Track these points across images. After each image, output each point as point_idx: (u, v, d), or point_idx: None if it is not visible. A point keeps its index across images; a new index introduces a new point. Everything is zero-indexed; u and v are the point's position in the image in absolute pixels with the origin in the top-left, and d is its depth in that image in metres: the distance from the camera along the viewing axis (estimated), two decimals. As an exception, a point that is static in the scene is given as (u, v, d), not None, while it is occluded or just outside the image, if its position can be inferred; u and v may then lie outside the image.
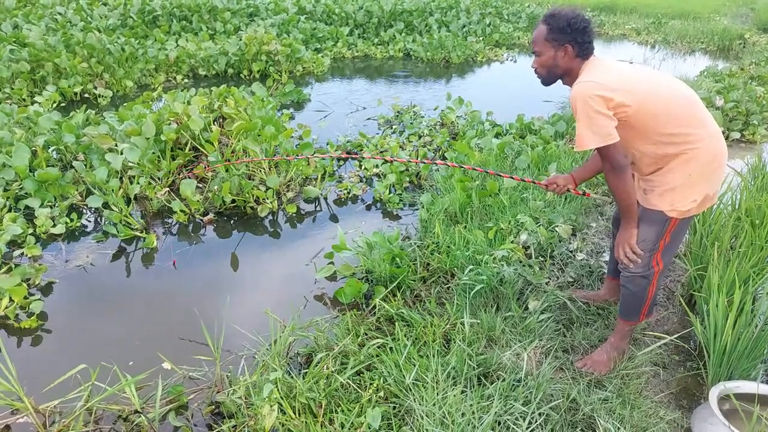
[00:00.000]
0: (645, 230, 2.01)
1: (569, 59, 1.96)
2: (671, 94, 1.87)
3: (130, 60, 7.53)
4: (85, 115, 4.71)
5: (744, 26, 13.53)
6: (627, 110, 1.82)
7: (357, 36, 11.07)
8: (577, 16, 1.93)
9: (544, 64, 2.00)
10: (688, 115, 1.87)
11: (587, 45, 1.95)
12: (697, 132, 1.85)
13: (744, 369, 2.17)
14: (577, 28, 1.91)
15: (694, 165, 1.86)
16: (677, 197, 1.91)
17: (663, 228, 1.98)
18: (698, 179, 1.88)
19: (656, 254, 2.03)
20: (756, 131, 5.69)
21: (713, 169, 1.89)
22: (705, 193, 1.91)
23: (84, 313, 2.83)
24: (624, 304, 2.20)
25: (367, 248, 3.09)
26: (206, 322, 2.65)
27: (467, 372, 2.10)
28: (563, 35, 1.92)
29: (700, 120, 1.88)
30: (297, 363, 2.41)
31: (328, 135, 5.29)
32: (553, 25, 1.94)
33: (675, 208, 1.92)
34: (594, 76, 1.86)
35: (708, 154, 1.86)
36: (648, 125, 1.85)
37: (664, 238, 2.00)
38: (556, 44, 1.95)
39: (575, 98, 1.84)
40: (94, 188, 3.75)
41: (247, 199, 3.86)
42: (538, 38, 1.99)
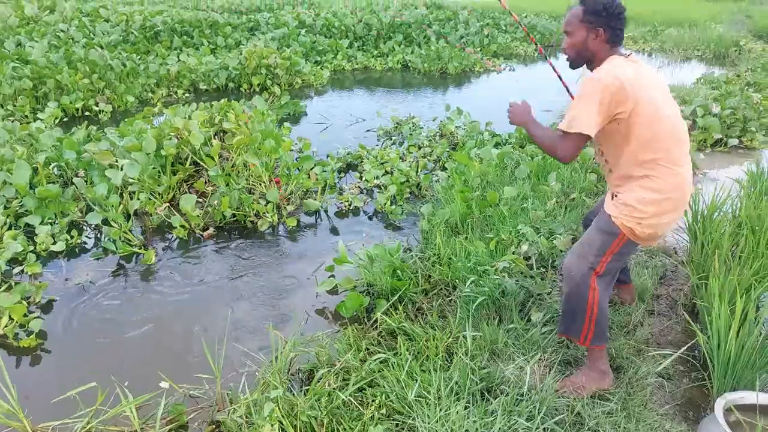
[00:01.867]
0: (594, 234, 2.05)
1: (600, 43, 1.96)
2: (666, 121, 1.91)
3: (132, 75, 7.59)
4: (87, 131, 4.74)
5: (740, 33, 13.58)
6: (626, 112, 1.85)
7: (356, 48, 11.16)
8: (614, 4, 1.94)
9: (575, 45, 2.00)
10: (675, 152, 1.93)
11: (619, 32, 1.96)
12: (670, 165, 1.91)
13: (749, 379, 2.15)
14: (612, 13, 1.92)
15: (653, 193, 1.92)
16: (625, 211, 1.96)
17: (609, 240, 2.00)
18: (650, 204, 1.93)
19: (594, 275, 2.03)
20: (754, 137, 5.69)
21: (673, 203, 1.94)
22: (654, 223, 1.94)
23: (84, 332, 2.81)
24: (560, 318, 2.17)
25: (368, 261, 3.08)
26: (207, 338, 2.65)
27: (470, 387, 2.08)
28: (598, 18, 1.93)
29: (681, 161, 1.95)
30: (298, 379, 2.39)
31: (328, 147, 5.30)
32: (589, 7, 1.94)
33: (620, 219, 1.97)
34: (613, 70, 1.87)
35: (672, 186, 1.92)
36: (633, 138, 1.90)
37: (608, 256, 2.01)
38: (590, 26, 1.95)
39: (589, 82, 1.85)
40: (94, 205, 3.76)
41: (247, 213, 3.86)
42: (573, 19, 1.99)
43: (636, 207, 1.94)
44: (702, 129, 5.68)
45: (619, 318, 2.63)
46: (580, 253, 2.06)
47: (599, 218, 2.08)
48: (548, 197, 3.81)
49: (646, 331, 2.56)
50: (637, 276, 2.94)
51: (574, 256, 2.08)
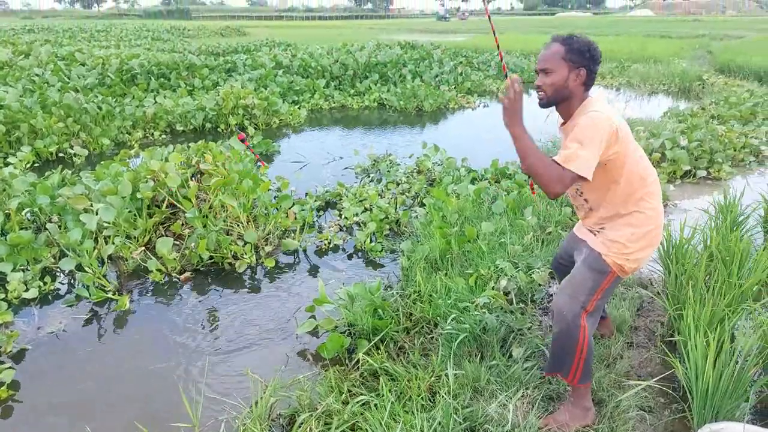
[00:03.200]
0: (583, 274, 2.05)
1: (579, 84, 1.96)
2: (643, 160, 2.00)
3: (107, 118, 7.58)
4: (61, 175, 4.68)
5: (702, 68, 14.24)
6: (616, 153, 1.88)
7: (333, 88, 11.36)
8: (594, 44, 1.97)
9: (554, 84, 1.96)
10: (653, 184, 2.01)
11: (594, 76, 1.99)
12: (655, 203, 2.01)
13: (728, 409, 2.17)
14: (593, 57, 1.95)
15: (640, 227, 1.99)
16: (614, 249, 2.00)
17: (600, 279, 2.02)
18: (639, 239, 1.98)
19: (584, 313, 2.02)
20: (721, 168, 5.90)
21: (652, 237, 2.02)
22: (640, 256, 2.01)
23: (57, 382, 2.72)
24: (552, 359, 2.13)
25: (348, 300, 3.06)
26: (184, 385, 2.58)
27: (453, 427, 2.06)
28: (582, 58, 1.94)
29: (657, 194, 2.04)
30: (279, 425, 2.34)
31: (307, 186, 5.33)
32: (573, 46, 1.94)
33: (610, 257, 2.00)
34: (606, 111, 1.88)
35: (654, 223, 2.01)
36: (621, 177, 1.94)
37: (598, 293, 2.03)
38: (572, 65, 1.94)
39: (591, 123, 1.83)
40: (68, 250, 3.69)
41: (225, 254, 3.82)
42: (553, 57, 1.96)
43: (626, 244, 1.98)
44: (671, 161, 5.88)
45: (599, 351, 2.65)
46: (571, 294, 2.04)
47: (588, 257, 2.07)
48: (525, 231, 3.87)
49: (626, 363, 2.58)
50: (615, 308, 2.98)
51: (566, 296, 2.05)
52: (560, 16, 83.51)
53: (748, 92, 10.11)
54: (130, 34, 29.68)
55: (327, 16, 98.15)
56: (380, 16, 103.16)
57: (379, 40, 20.27)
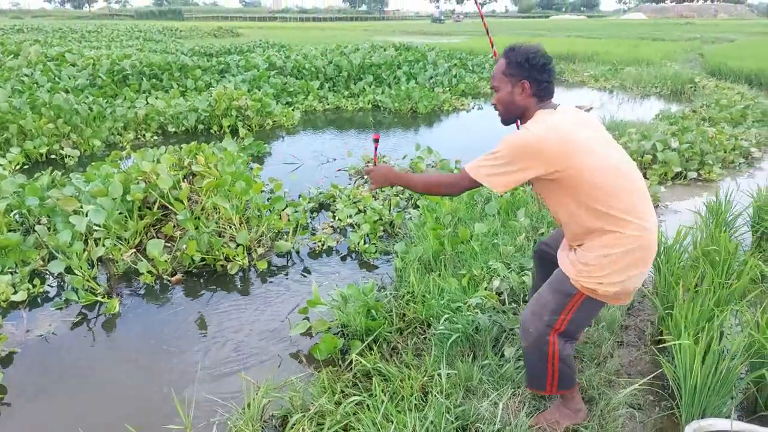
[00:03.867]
0: (548, 294, 1.94)
1: (526, 97, 1.88)
2: (618, 173, 1.79)
3: (98, 119, 7.54)
4: (51, 176, 4.66)
5: (693, 71, 14.36)
6: (558, 171, 1.76)
7: (327, 89, 11.35)
8: (537, 51, 1.86)
9: (501, 100, 1.93)
10: (629, 201, 1.78)
11: (546, 84, 1.87)
12: (631, 219, 1.76)
13: (715, 406, 2.19)
14: (535, 65, 1.84)
15: (615, 248, 1.77)
16: (584, 272, 1.82)
17: (565, 300, 1.88)
18: (613, 263, 1.78)
19: (552, 331, 1.92)
20: (711, 170, 5.95)
21: (638, 259, 1.79)
22: (618, 280, 1.79)
23: (46, 385, 2.70)
24: (527, 372, 2.10)
25: (342, 301, 3.06)
26: (176, 387, 2.57)
27: (446, 426, 2.06)
28: (521, 70, 1.86)
29: (640, 210, 1.79)
30: (272, 426, 2.33)
31: (300, 187, 5.33)
32: (512, 60, 1.87)
33: (579, 281, 1.83)
34: (541, 126, 1.78)
35: (636, 242, 1.77)
36: (583, 194, 1.77)
37: (566, 314, 1.89)
38: (514, 80, 1.88)
39: (509, 139, 1.79)
40: (57, 252, 3.66)
41: (217, 256, 3.81)
42: (497, 73, 1.92)
43: (595, 266, 1.79)
44: (662, 163, 5.93)
45: (589, 350, 2.67)
46: (534, 311, 1.95)
47: (555, 276, 1.95)
48: (518, 232, 3.89)
49: (616, 362, 2.60)
50: (606, 308, 3.00)
51: (529, 312, 1.97)
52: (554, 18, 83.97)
53: (738, 95, 10.21)
54: (121, 34, 29.53)
55: (321, 18, 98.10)
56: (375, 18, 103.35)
57: (374, 41, 20.30)
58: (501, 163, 1.79)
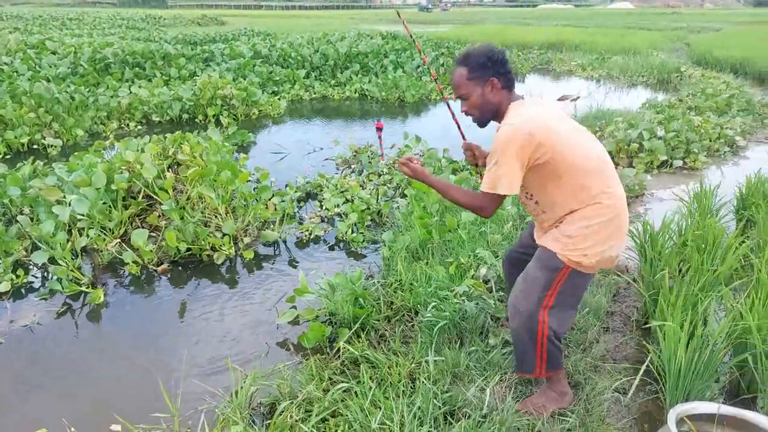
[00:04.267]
0: (534, 271, 1.99)
1: (498, 92, 1.94)
2: (589, 151, 1.90)
3: (81, 108, 7.41)
4: (33, 166, 4.57)
5: (680, 60, 14.45)
6: (545, 154, 1.82)
7: (314, 78, 11.26)
8: (492, 49, 1.94)
9: (475, 105, 1.96)
10: (601, 173, 1.89)
11: (509, 75, 1.95)
12: (612, 190, 1.89)
13: (699, 390, 2.22)
14: (496, 60, 1.91)
15: (595, 219, 1.87)
16: (570, 245, 1.90)
17: (552, 275, 1.94)
18: (595, 233, 1.88)
19: (543, 309, 1.97)
20: (697, 158, 6.00)
21: (615, 228, 1.90)
22: (600, 250, 1.89)
23: (32, 375, 2.67)
24: (516, 357, 2.12)
25: (329, 290, 3.06)
26: (163, 376, 2.56)
27: (433, 411, 2.07)
28: (485, 70, 1.91)
29: (611, 179, 1.92)
30: (260, 414, 2.33)
31: (287, 177, 5.29)
32: (473, 64, 1.92)
33: (565, 254, 1.91)
34: (520, 119, 1.85)
35: (613, 212, 1.88)
36: (562, 173, 1.86)
37: (554, 289, 1.95)
38: (481, 81, 1.92)
39: (503, 139, 1.82)
40: (40, 243, 3.61)
41: (203, 246, 3.78)
42: (460, 82, 1.95)
43: (578, 237, 1.88)
44: (648, 151, 5.96)
45: (575, 336, 2.69)
46: (524, 290, 2.00)
47: (540, 254, 2.00)
48: (505, 221, 3.90)
49: (601, 347, 2.63)
50: (592, 295, 3.02)
51: (519, 292, 2.01)
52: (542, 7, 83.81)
53: (724, 84, 10.29)
54: (103, 22, 29.00)
55: (307, 6, 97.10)
56: (361, 7, 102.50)
57: (360, 30, 20.14)
58: (507, 167, 1.82)
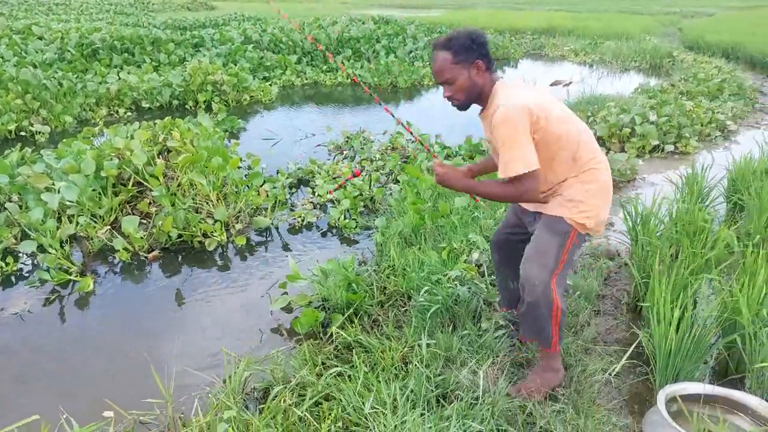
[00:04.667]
0: (547, 240, 2.02)
1: (483, 74, 1.95)
2: (577, 123, 2.01)
3: (69, 95, 7.31)
4: (21, 153, 4.51)
5: (672, 45, 14.44)
6: (540, 129, 1.88)
7: (305, 64, 11.15)
8: (475, 31, 1.94)
9: (462, 88, 1.96)
10: (587, 143, 2.01)
11: (490, 56, 1.97)
12: (598, 157, 2.02)
13: (688, 371, 2.25)
14: (481, 43, 1.92)
15: (592, 183, 1.98)
16: (575, 208, 1.99)
17: (564, 240, 2.00)
18: (593, 196, 1.99)
19: (553, 278, 2.01)
20: (688, 143, 6.03)
21: (606, 191, 2.03)
22: (598, 212, 2.00)
23: (23, 363, 2.65)
24: (524, 329, 2.15)
25: (322, 276, 3.05)
26: (156, 363, 2.55)
27: (426, 394, 2.09)
28: (470, 53, 1.91)
29: (600, 155, 2.04)
30: (254, 398, 2.33)
31: (278, 163, 5.26)
32: (457, 47, 1.91)
33: (573, 218, 1.99)
34: (514, 98, 1.87)
35: (603, 176, 2.02)
36: (556, 147, 1.93)
37: (563, 254, 2.01)
38: (466, 64, 1.92)
39: (502, 121, 1.84)
40: (29, 230, 3.57)
41: (194, 233, 3.76)
42: (445, 66, 1.93)
43: (583, 201, 1.97)
44: (641, 136, 5.98)
45: (567, 319, 2.71)
46: (539, 262, 2.01)
47: (547, 221, 2.04)
48: (497, 206, 3.90)
49: (592, 330, 2.65)
50: (583, 278, 3.04)
51: (534, 265, 2.01)
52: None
53: (716, 68, 10.31)
54: (90, 7, 28.48)
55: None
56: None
57: (352, 15, 19.93)
58: (520, 143, 1.83)
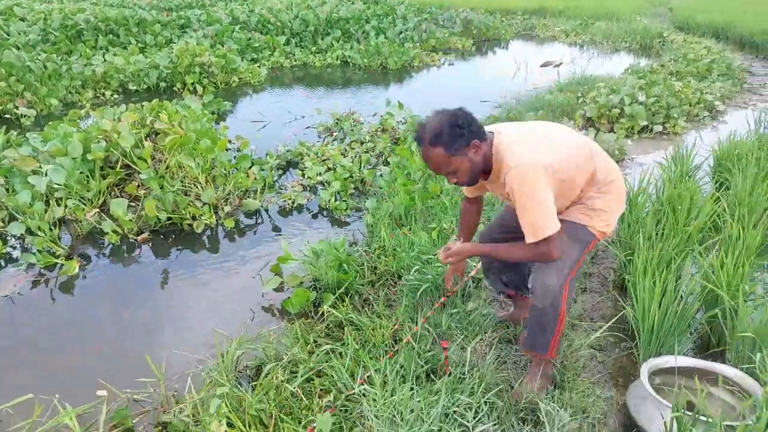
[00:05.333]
0: (569, 247, 1.99)
1: (481, 150, 1.87)
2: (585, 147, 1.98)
3: (54, 77, 7.20)
4: (5, 136, 4.46)
5: (663, 25, 14.42)
6: (560, 179, 1.85)
7: (294, 45, 11.03)
8: (454, 114, 1.83)
9: (466, 172, 1.89)
10: (603, 159, 2.03)
11: (480, 127, 1.87)
12: (613, 169, 2.06)
13: (671, 345, 2.31)
14: (467, 122, 1.82)
15: (611, 194, 2.04)
16: (598, 218, 2.02)
17: (584, 247, 2.03)
18: (614, 205, 2.05)
19: (566, 282, 1.99)
20: (677, 123, 6.07)
21: (623, 196, 2.10)
22: (616, 217, 2.07)
23: (15, 344, 2.67)
24: (529, 337, 2.10)
25: (313, 256, 3.07)
26: (148, 344, 2.58)
27: (415, 370, 2.13)
28: (461, 139, 1.81)
29: (606, 160, 2.05)
30: (246, 376, 2.37)
31: (267, 145, 5.23)
32: (447, 140, 1.80)
33: (595, 226, 2.02)
34: (524, 157, 1.81)
35: (620, 184, 2.08)
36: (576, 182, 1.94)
37: (580, 260, 2.03)
38: (464, 149, 1.84)
39: (520, 185, 1.79)
40: (17, 213, 3.55)
41: (184, 215, 3.75)
42: (441, 162, 1.85)
43: (606, 210, 2.02)
44: (629, 117, 6.00)
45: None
46: (557, 269, 1.97)
47: (569, 230, 2.01)
48: (486, 186, 3.92)
49: (579, 307, 2.70)
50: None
51: (552, 272, 1.97)
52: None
53: (705, 49, 10.32)
54: (75, -12, 27.83)
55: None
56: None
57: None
58: (541, 204, 1.80)
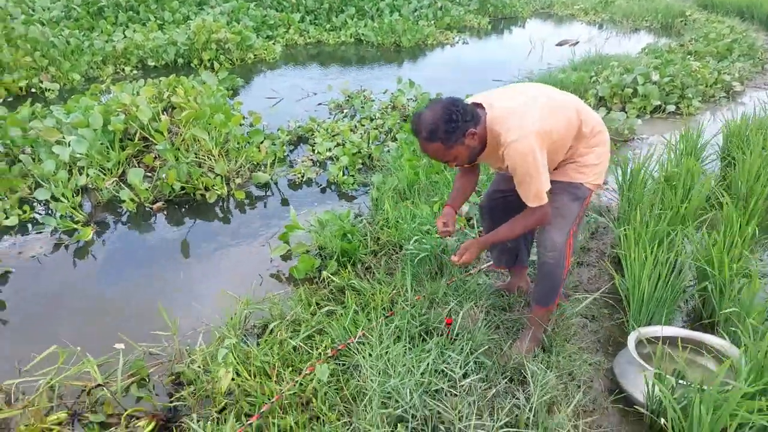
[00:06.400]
0: (569, 206, 2.11)
1: (477, 135, 1.91)
2: (568, 101, 2.06)
3: (76, 53, 7.38)
4: (31, 109, 4.64)
5: (685, 3, 14.07)
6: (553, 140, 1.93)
7: (309, 22, 11.04)
8: (448, 107, 1.85)
9: (465, 158, 1.96)
10: (586, 112, 2.09)
11: (473, 113, 1.90)
12: (597, 120, 2.13)
13: (661, 316, 2.39)
14: (461, 114, 1.85)
15: (600, 145, 2.12)
16: (591, 173, 2.12)
17: (581, 203, 2.13)
18: (603, 155, 2.14)
19: (570, 237, 2.10)
20: (690, 104, 6.00)
21: (609, 150, 2.18)
22: (606, 165, 2.16)
23: (41, 301, 2.86)
24: (540, 292, 2.21)
25: (319, 226, 3.21)
26: (163, 303, 2.74)
27: (410, 330, 2.26)
28: (458, 131, 1.85)
29: (591, 113, 2.12)
30: (253, 334, 2.53)
31: (280, 121, 5.35)
32: (443, 135, 1.85)
33: (590, 181, 2.13)
34: (521, 129, 1.86)
35: (606, 134, 2.16)
36: (567, 137, 2.02)
37: (579, 214, 2.14)
38: (462, 139, 1.88)
39: (522, 158, 1.85)
40: (42, 181, 3.75)
41: (197, 185, 3.92)
42: (441, 153, 1.91)
43: (597, 163, 2.11)
44: (642, 96, 5.97)
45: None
46: (560, 228, 2.08)
47: (567, 189, 2.11)
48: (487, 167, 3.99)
49: (574, 278, 2.79)
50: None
51: (556, 230, 2.08)
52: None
53: (728, 28, 10.09)
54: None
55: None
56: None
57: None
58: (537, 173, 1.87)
